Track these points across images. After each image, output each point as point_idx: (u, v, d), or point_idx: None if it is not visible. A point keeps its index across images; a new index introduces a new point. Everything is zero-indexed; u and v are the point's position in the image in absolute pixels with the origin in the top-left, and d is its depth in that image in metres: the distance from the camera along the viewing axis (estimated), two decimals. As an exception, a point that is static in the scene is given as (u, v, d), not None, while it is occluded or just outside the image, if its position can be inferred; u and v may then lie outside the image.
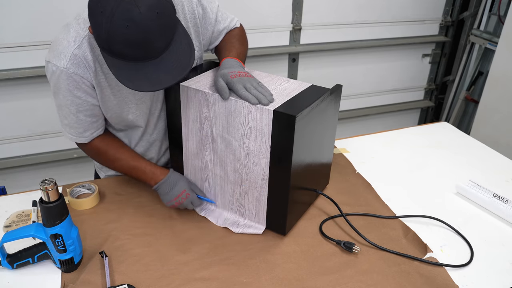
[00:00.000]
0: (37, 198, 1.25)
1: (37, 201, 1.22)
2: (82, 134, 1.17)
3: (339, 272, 1.03)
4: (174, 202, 1.16)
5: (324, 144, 1.20)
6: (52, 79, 1.08)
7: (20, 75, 2.10)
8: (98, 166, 1.44)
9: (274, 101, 1.03)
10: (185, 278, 1.00)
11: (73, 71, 1.05)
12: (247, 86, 1.04)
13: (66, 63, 1.04)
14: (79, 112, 1.12)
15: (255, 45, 2.56)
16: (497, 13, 2.77)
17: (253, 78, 1.08)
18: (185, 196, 1.16)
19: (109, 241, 1.10)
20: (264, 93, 1.04)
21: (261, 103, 1.01)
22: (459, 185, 1.31)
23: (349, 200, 1.27)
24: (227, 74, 1.06)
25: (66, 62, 1.04)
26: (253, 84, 1.05)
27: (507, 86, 2.36)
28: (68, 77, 1.06)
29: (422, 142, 1.61)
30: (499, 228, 1.19)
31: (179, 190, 1.16)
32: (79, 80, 1.07)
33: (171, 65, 0.97)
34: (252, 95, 1.02)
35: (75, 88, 1.08)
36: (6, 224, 1.16)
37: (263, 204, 1.11)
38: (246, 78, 1.07)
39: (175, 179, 1.18)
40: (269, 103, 1.02)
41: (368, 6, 2.72)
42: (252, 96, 1.02)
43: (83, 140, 1.19)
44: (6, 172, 2.34)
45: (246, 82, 1.05)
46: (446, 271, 1.03)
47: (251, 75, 1.10)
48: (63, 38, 1.06)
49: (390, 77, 3.08)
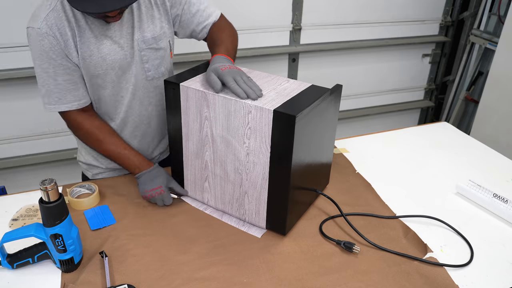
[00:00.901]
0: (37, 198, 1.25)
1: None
2: (61, 101, 1.20)
3: (339, 272, 1.03)
4: (147, 194, 1.22)
5: (324, 144, 1.20)
6: (30, 43, 1.14)
7: (20, 75, 2.10)
8: (85, 167, 1.45)
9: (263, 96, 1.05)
10: (185, 278, 1.00)
11: (46, 31, 1.11)
12: (237, 79, 1.08)
13: (40, 24, 1.11)
14: (57, 75, 1.17)
15: (255, 45, 2.56)
16: (497, 13, 2.77)
17: (242, 72, 1.13)
18: (160, 192, 1.21)
19: (109, 241, 1.10)
20: (253, 87, 1.07)
21: (250, 97, 1.04)
22: (459, 185, 1.31)
23: (349, 200, 1.27)
24: (217, 67, 1.11)
25: (40, 22, 1.11)
26: (242, 77, 1.09)
27: (507, 86, 2.36)
28: (42, 38, 1.11)
29: (422, 142, 1.61)
30: (499, 228, 1.19)
31: (156, 184, 1.22)
32: (54, 42, 1.12)
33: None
34: (242, 89, 1.05)
35: (50, 50, 1.13)
36: (14, 217, 1.17)
37: (263, 204, 1.11)
38: (236, 70, 1.11)
39: (157, 174, 1.24)
40: (257, 98, 1.04)
41: (368, 6, 2.72)
42: (241, 91, 1.05)
43: (64, 107, 1.21)
44: (6, 172, 2.34)
45: (236, 75, 1.09)
46: (446, 271, 1.03)
47: (240, 69, 1.14)
48: (40, 5, 1.14)
49: (390, 77, 3.08)
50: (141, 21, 1.22)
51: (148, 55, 1.25)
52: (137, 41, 1.22)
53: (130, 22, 1.21)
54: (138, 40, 1.22)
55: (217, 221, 1.19)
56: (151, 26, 1.24)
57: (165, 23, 1.27)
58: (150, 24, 1.24)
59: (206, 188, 1.21)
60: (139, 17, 1.21)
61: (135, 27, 1.21)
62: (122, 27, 1.20)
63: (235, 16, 1.37)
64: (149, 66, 1.27)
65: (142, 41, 1.23)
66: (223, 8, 1.41)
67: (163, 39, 1.27)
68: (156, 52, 1.27)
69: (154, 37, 1.25)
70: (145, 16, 1.23)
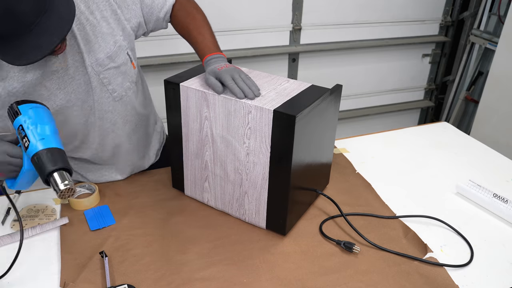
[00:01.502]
0: (37, 198, 1.25)
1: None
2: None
3: (339, 272, 1.03)
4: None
5: (324, 144, 1.20)
6: None
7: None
8: None
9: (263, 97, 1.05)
10: (185, 278, 1.00)
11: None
12: (235, 77, 1.06)
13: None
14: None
15: (255, 45, 2.56)
16: (497, 13, 2.77)
17: (240, 69, 1.11)
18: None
19: (109, 241, 1.10)
20: (251, 87, 1.06)
21: (247, 97, 1.03)
22: (459, 185, 1.31)
23: (349, 200, 1.27)
24: (214, 69, 1.09)
25: None
26: (241, 75, 1.08)
27: (507, 86, 2.36)
28: None
29: (422, 142, 1.61)
30: (499, 228, 1.19)
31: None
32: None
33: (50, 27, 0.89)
34: (239, 88, 1.04)
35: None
36: (16, 218, 1.17)
37: (263, 204, 1.11)
38: (233, 68, 1.09)
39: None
40: (255, 98, 1.04)
41: (368, 6, 2.72)
42: (239, 90, 1.04)
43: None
44: (6, 172, 2.33)
45: (234, 73, 1.08)
46: (446, 271, 1.03)
47: (238, 67, 1.13)
48: None
49: (390, 77, 3.08)
50: (89, 42, 1.08)
51: (109, 76, 1.13)
52: (91, 66, 1.09)
53: (75, 47, 1.07)
54: (92, 64, 1.09)
55: (217, 221, 1.19)
56: (103, 44, 1.10)
57: (119, 35, 1.14)
58: (101, 43, 1.10)
59: (206, 188, 1.21)
60: (85, 39, 1.07)
61: (83, 52, 1.07)
62: (66, 58, 1.06)
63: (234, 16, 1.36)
64: (113, 87, 1.15)
65: (96, 64, 1.10)
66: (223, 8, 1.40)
67: (119, 54, 1.14)
68: (117, 69, 1.14)
69: (109, 56, 1.11)
70: (92, 36, 1.08)
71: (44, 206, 1.22)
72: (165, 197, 1.28)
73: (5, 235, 1.09)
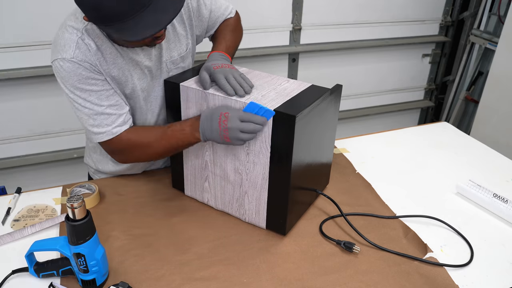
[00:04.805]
0: (37, 198, 1.25)
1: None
2: (112, 125, 1.12)
3: (339, 272, 1.03)
4: (222, 133, 1.02)
5: (324, 144, 1.20)
6: (64, 76, 1.05)
7: (20, 75, 2.10)
8: (92, 170, 1.42)
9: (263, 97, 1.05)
10: (185, 278, 1.00)
11: (81, 59, 1.03)
12: (228, 77, 1.07)
13: (73, 52, 1.03)
14: (101, 100, 1.09)
15: (255, 45, 2.56)
16: (497, 13, 2.77)
17: (236, 70, 1.12)
18: (225, 118, 1.01)
19: (109, 241, 1.10)
20: (243, 84, 1.07)
21: (237, 94, 1.05)
22: (459, 185, 1.31)
23: (349, 200, 1.27)
24: (210, 66, 1.11)
25: (73, 51, 1.03)
26: (234, 75, 1.09)
27: (507, 86, 2.36)
28: (77, 67, 1.03)
29: (422, 142, 1.61)
30: (499, 228, 1.19)
31: (216, 116, 1.02)
32: (90, 68, 1.05)
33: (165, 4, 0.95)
34: (231, 85, 1.05)
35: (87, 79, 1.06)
36: (16, 218, 1.17)
37: (263, 204, 1.11)
38: (228, 69, 1.10)
39: (210, 112, 1.05)
40: (245, 95, 1.05)
41: (368, 6, 2.72)
42: (230, 87, 1.05)
43: (117, 130, 1.12)
44: (6, 172, 2.34)
45: (228, 73, 1.09)
46: (446, 271, 1.03)
47: (234, 67, 1.14)
48: (63, 33, 1.05)
49: (390, 77, 3.08)
50: (169, 41, 1.18)
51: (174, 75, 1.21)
52: (165, 63, 1.20)
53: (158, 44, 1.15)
54: (167, 61, 1.20)
55: (217, 221, 1.19)
56: (178, 45, 1.21)
57: (190, 39, 1.24)
58: (177, 43, 1.20)
59: (206, 188, 1.21)
60: (166, 37, 1.16)
61: (163, 49, 1.17)
62: (151, 51, 1.15)
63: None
64: None
65: (170, 62, 1.20)
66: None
67: (188, 56, 1.25)
68: (182, 70, 1.24)
69: (181, 56, 1.22)
70: (172, 35, 1.19)
71: (44, 206, 1.22)
72: (165, 197, 1.28)
73: (5, 234, 1.09)
